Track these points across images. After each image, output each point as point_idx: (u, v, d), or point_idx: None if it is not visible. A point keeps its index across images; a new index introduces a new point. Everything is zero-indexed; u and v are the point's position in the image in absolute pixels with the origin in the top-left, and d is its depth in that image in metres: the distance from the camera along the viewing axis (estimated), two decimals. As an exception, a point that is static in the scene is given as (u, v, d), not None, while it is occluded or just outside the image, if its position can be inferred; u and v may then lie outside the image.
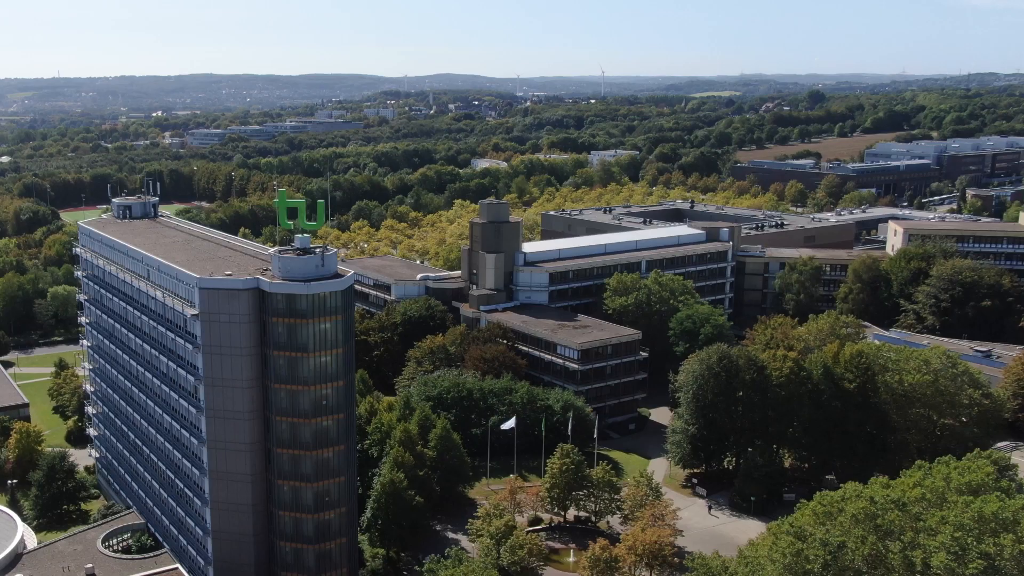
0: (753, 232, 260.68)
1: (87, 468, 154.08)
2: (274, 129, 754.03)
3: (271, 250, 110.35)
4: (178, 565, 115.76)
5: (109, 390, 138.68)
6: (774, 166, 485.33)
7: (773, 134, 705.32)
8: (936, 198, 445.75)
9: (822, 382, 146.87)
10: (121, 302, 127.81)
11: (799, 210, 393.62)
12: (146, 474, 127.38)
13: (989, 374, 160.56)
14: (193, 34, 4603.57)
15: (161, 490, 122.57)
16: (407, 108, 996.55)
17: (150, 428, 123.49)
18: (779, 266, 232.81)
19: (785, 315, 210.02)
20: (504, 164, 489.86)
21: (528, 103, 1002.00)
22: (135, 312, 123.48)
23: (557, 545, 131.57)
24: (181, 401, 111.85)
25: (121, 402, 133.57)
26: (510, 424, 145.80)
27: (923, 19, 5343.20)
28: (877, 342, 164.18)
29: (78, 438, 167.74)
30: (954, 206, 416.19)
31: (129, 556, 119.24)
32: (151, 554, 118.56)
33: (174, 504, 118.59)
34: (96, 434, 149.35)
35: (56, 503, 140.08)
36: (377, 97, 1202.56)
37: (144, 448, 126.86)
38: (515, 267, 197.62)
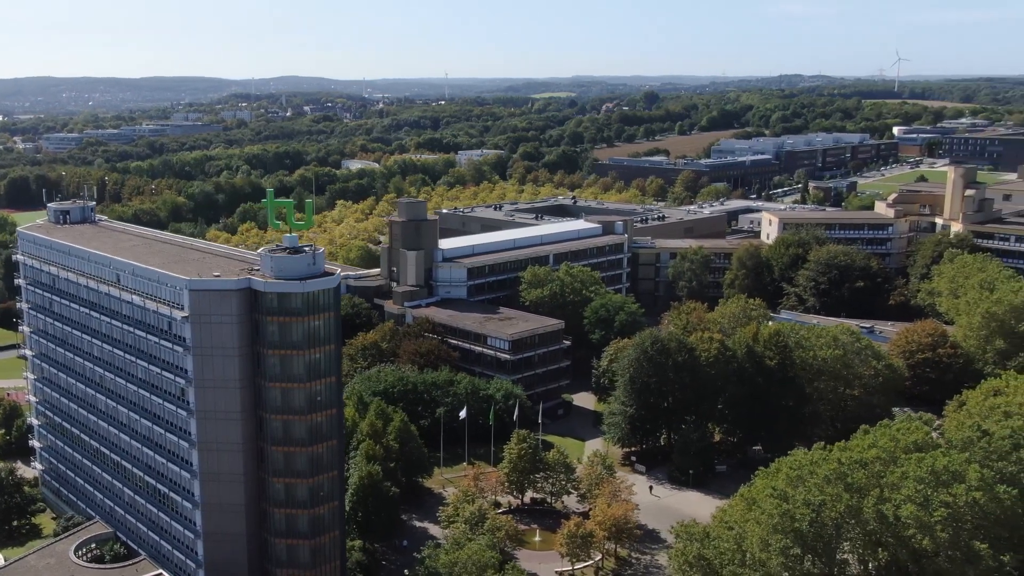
0: (639, 225, 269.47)
1: (27, 481, 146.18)
2: (132, 133, 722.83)
3: (260, 249, 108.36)
4: (161, 571, 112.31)
5: (61, 399, 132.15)
6: (633, 163, 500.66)
7: (620, 133, 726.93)
8: (779, 190, 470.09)
9: (746, 360, 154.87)
10: (79, 308, 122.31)
11: (661, 204, 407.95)
12: (114, 481, 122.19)
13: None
14: (28, 35, 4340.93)
15: (135, 496, 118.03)
16: (263, 111, 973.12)
17: (120, 434, 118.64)
18: (669, 256, 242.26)
19: (679, 301, 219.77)
20: (376, 165, 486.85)
21: (381, 105, 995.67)
22: (99, 317, 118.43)
23: (521, 527, 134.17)
24: (166, 404, 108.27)
25: (79, 410, 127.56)
26: (463, 414, 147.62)
27: (738, 24, 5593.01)
28: (792, 322, 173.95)
29: (6, 452, 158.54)
30: (798, 197, 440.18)
31: (106, 566, 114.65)
32: (130, 562, 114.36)
33: (154, 509, 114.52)
34: (41, 446, 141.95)
35: (7, 518, 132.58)
36: (228, 100, 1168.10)
37: (111, 455, 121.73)
38: (434, 263, 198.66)
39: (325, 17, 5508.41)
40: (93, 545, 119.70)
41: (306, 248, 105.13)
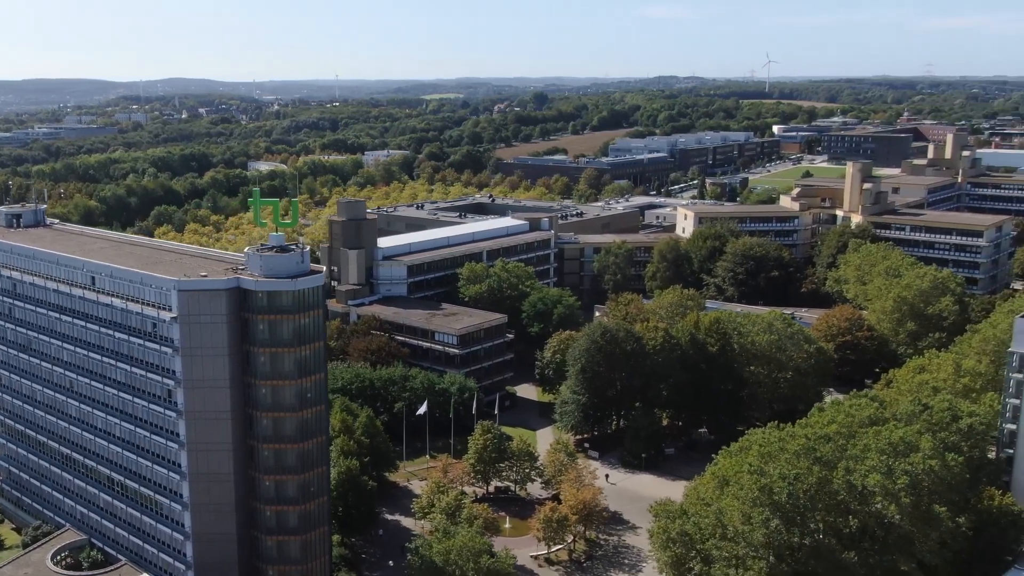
0: (560, 221, 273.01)
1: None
2: (26, 136, 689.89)
3: (246, 249, 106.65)
4: (145, 574, 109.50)
5: (25, 406, 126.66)
6: (537, 162, 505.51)
7: (517, 132, 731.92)
8: (676, 187, 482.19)
9: (689, 348, 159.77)
10: (46, 312, 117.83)
11: (567, 201, 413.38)
12: (87, 487, 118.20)
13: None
14: None
15: (113, 501, 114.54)
16: (157, 113, 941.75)
17: (95, 439, 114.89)
18: (593, 251, 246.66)
19: (605, 294, 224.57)
20: (284, 166, 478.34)
21: (276, 106, 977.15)
22: (70, 321, 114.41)
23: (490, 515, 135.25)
24: (151, 407, 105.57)
25: (46, 416, 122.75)
26: (423, 409, 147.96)
27: (613, 27, 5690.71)
28: (729, 310, 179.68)
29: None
30: (695, 193, 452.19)
31: (85, 573, 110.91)
32: (111, 568, 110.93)
33: (136, 513, 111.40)
34: (0, 455, 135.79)
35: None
36: (118, 102, 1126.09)
37: (84, 460, 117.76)
38: (375, 262, 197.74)
39: (211, 18, 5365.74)
40: (66, 553, 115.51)
41: (293, 247, 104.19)
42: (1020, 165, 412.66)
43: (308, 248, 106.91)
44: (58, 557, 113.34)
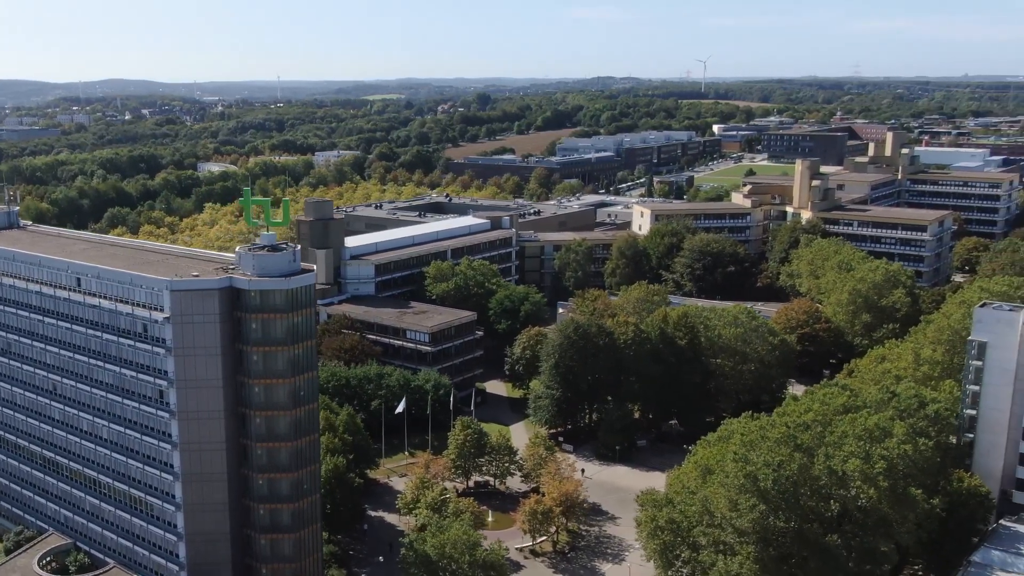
0: (518, 220, 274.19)
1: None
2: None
3: (237, 249, 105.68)
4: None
5: (3, 410, 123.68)
6: (487, 161, 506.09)
7: (464, 133, 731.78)
8: (624, 185, 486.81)
9: (659, 342, 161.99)
10: (28, 315, 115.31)
11: (519, 200, 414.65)
12: (72, 491, 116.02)
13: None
14: None
15: (101, 504, 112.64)
16: (100, 114, 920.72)
17: (81, 442, 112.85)
18: (553, 248, 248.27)
19: (566, 291, 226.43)
20: (234, 167, 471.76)
21: (220, 107, 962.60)
22: (54, 323, 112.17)
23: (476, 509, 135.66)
24: (142, 408, 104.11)
25: (27, 420, 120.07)
26: (401, 407, 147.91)
27: (550, 28, 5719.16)
28: (696, 305, 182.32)
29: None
30: (643, 191, 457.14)
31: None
32: (99, 570, 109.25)
33: (126, 515, 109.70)
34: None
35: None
36: (59, 104, 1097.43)
37: (69, 464, 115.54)
38: (342, 261, 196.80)
39: (148, 18, 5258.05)
40: (51, 558, 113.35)
41: (284, 246, 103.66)
42: (952, 162, 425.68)
43: (299, 247, 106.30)
44: (44, 562, 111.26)
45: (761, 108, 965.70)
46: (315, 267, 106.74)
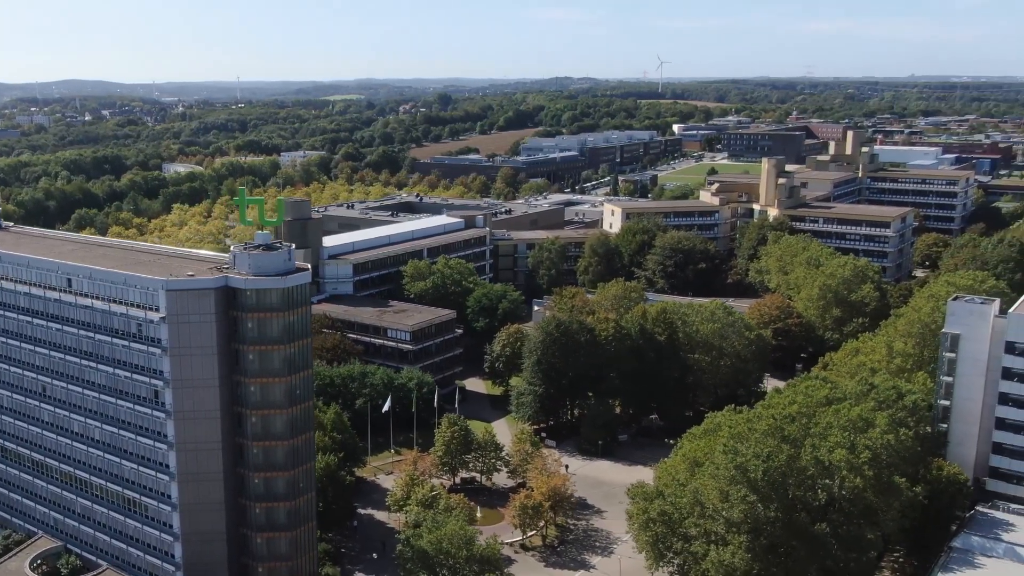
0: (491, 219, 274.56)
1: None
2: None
3: (232, 248, 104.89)
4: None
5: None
6: (454, 161, 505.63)
7: (427, 133, 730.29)
8: (589, 184, 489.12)
9: (639, 338, 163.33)
10: (16, 316, 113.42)
11: (486, 200, 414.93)
12: (63, 493, 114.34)
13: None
14: None
15: (93, 506, 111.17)
16: (60, 115, 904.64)
17: (73, 443, 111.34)
18: (526, 247, 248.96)
19: (540, 289, 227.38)
20: (199, 167, 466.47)
21: (181, 108, 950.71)
22: (44, 325, 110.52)
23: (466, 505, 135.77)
24: (136, 408, 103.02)
25: (15, 423, 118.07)
26: (387, 405, 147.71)
27: (507, 29, 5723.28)
28: (674, 301, 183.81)
29: None
30: (608, 190, 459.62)
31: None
32: (92, 573, 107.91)
33: (120, 516, 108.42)
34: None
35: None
36: (16, 104, 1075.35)
37: (60, 466, 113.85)
38: (320, 261, 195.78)
39: (105, 19, 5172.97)
40: (40, 561, 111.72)
41: (279, 245, 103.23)
42: (907, 160, 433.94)
43: (293, 246, 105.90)
44: (35, 564, 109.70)
45: (719, 108, 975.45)
46: (309, 266, 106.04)
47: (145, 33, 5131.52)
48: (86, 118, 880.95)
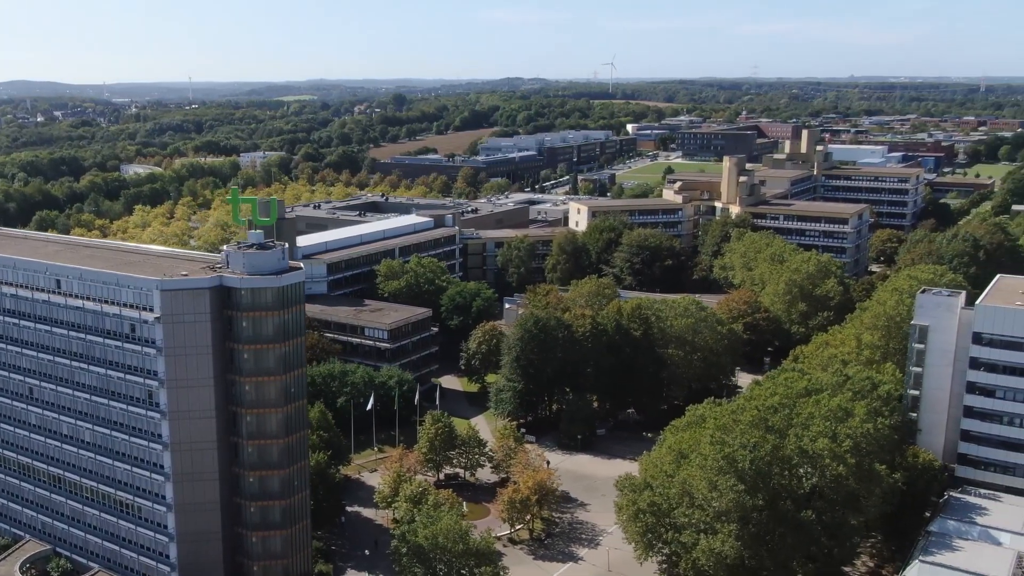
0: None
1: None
2: None
3: (226, 247, 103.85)
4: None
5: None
6: (414, 161, 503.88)
7: (385, 133, 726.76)
8: (548, 183, 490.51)
9: (615, 333, 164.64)
10: (2, 318, 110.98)
11: (447, 199, 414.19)
12: (52, 496, 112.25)
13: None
14: None
15: (84, 508, 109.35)
16: (11, 116, 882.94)
17: (61, 446, 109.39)
18: (495, 245, 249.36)
19: (509, 287, 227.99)
20: (159, 168, 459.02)
21: (134, 109, 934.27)
22: (32, 327, 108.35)
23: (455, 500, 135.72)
24: (130, 409, 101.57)
25: (1, 427, 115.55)
26: (371, 404, 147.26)
27: (457, 30, 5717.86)
28: (643, 296, 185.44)
29: None
30: (567, 189, 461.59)
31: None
32: (85, 575, 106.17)
33: (112, 518, 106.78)
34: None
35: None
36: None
37: (49, 468, 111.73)
38: (295, 260, 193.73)
39: (53, 18, 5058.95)
40: (28, 566, 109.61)
41: (272, 244, 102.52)
42: (856, 159, 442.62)
43: (286, 245, 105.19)
44: (25, 568, 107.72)
45: (670, 108, 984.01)
46: (302, 265, 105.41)
47: (94, 34, 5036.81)
48: (39, 119, 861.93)
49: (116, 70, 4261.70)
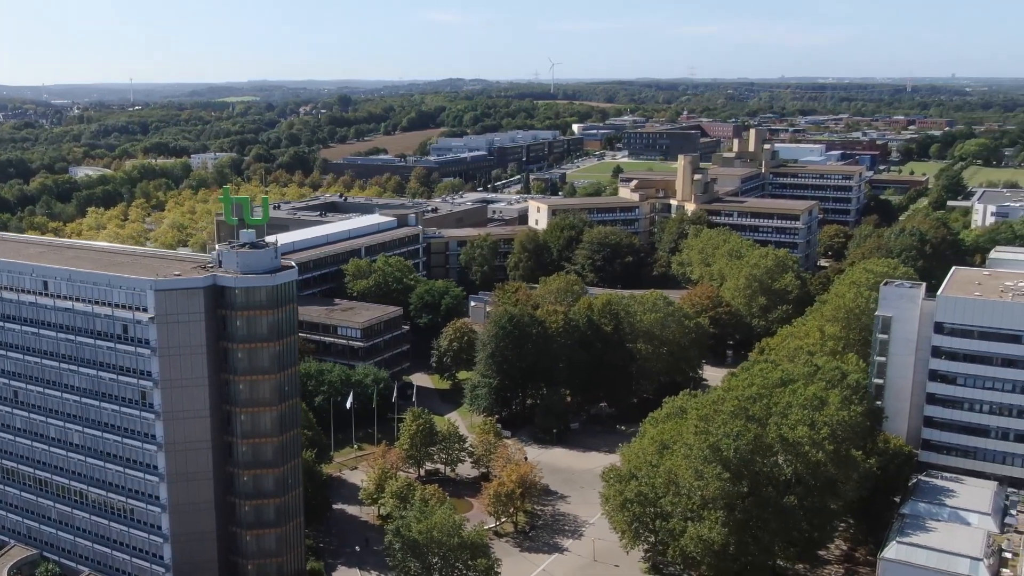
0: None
1: None
2: None
3: (219, 247, 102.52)
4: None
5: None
6: (366, 162, 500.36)
7: (333, 134, 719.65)
8: (500, 183, 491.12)
9: (587, 329, 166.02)
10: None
11: (402, 199, 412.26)
12: (39, 500, 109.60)
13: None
14: None
15: (73, 511, 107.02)
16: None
17: (49, 449, 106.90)
18: (457, 244, 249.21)
19: (473, 285, 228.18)
20: (109, 170, 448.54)
21: (76, 110, 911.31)
22: (18, 329, 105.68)
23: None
24: (123, 410, 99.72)
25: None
26: (350, 402, 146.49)
27: (397, 31, 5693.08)
28: (610, 293, 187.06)
29: None
30: (519, 188, 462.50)
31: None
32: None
33: (103, 521, 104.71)
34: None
35: None
36: None
37: (35, 472, 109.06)
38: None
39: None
40: (16, 571, 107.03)
41: (265, 243, 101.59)
42: (798, 157, 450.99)
43: (280, 243, 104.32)
44: (13, 573, 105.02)
45: (613, 108, 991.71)
46: (294, 264, 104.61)
47: (31, 34, 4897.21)
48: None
49: (53, 71, 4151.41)
